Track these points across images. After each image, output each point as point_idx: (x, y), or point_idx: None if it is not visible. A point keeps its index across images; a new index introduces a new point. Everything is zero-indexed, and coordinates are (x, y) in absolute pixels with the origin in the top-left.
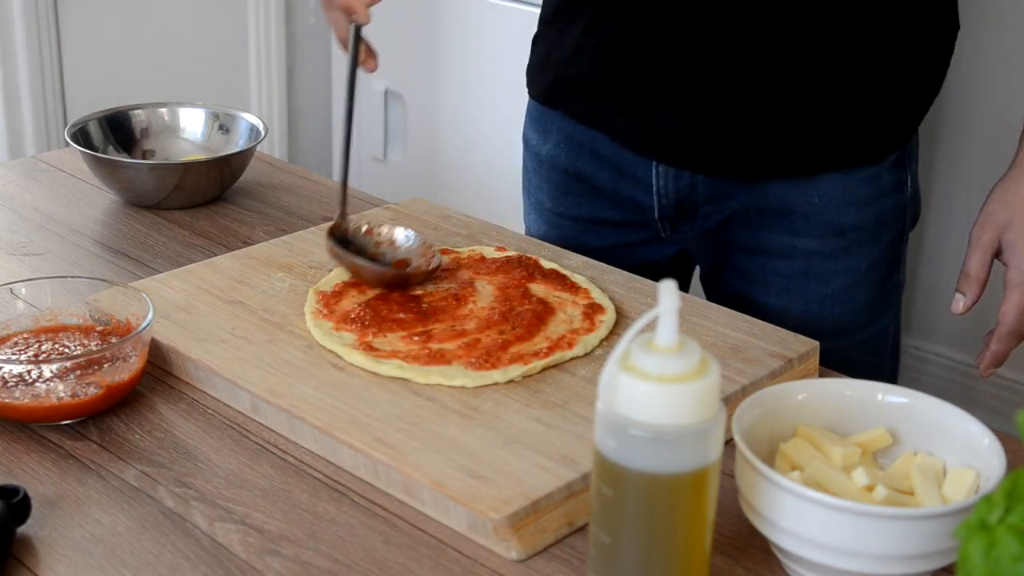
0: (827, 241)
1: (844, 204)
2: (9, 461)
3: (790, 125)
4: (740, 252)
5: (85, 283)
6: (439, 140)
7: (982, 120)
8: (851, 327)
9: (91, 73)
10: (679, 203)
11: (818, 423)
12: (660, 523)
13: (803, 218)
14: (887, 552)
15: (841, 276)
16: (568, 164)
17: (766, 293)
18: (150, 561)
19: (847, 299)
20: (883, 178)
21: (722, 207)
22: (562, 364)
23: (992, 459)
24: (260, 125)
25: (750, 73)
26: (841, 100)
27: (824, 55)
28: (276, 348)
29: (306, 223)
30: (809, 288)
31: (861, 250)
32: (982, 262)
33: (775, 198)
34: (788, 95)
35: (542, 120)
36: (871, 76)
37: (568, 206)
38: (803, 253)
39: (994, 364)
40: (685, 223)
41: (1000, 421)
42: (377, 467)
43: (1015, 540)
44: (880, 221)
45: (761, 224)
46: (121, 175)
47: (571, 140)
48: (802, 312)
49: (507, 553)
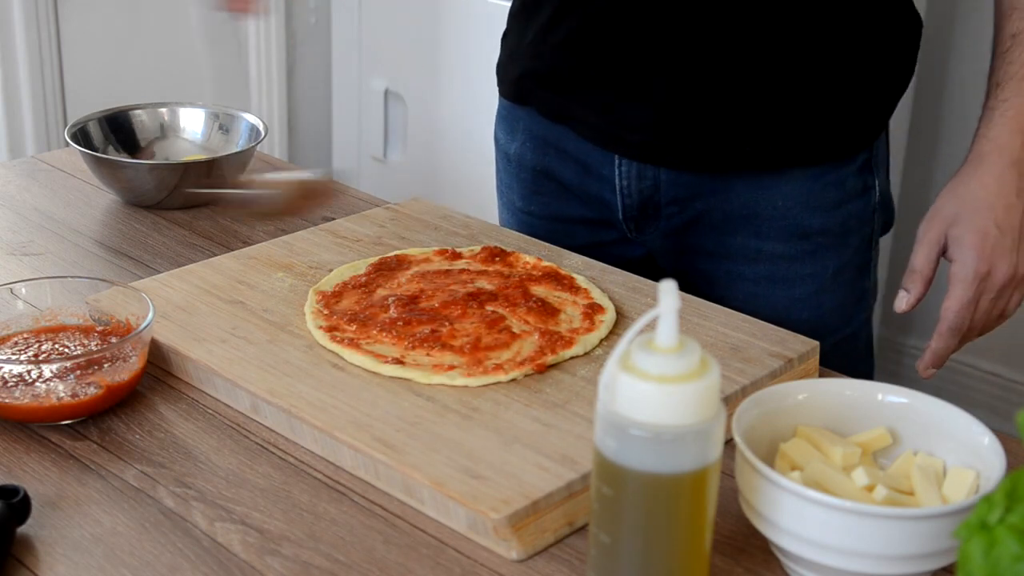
0: (792, 244)
1: (809, 207)
2: (9, 461)
3: (755, 119)
4: (704, 256)
5: (85, 283)
6: (439, 140)
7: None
8: (819, 332)
9: (91, 73)
10: (642, 203)
11: (818, 423)
12: (660, 523)
13: (767, 221)
14: (887, 552)
15: (807, 280)
16: (535, 162)
17: (732, 298)
18: (150, 561)
19: (814, 304)
20: (848, 182)
21: (686, 209)
22: (562, 364)
23: (992, 459)
24: (260, 125)
25: (714, 66)
26: (806, 95)
27: (789, 49)
28: (276, 348)
29: (306, 223)
30: (775, 293)
31: (827, 254)
32: (928, 258)
33: (739, 201)
34: (753, 88)
35: (509, 119)
36: (836, 71)
37: (538, 205)
38: (768, 257)
39: (935, 364)
40: (649, 224)
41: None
42: (377, 467)
43: (1015, 540)
44: (846, 226)
45: (725, 227)
46: (121, 175)
47: (537, 138)
48: (769, 317)
49: (507, 553)
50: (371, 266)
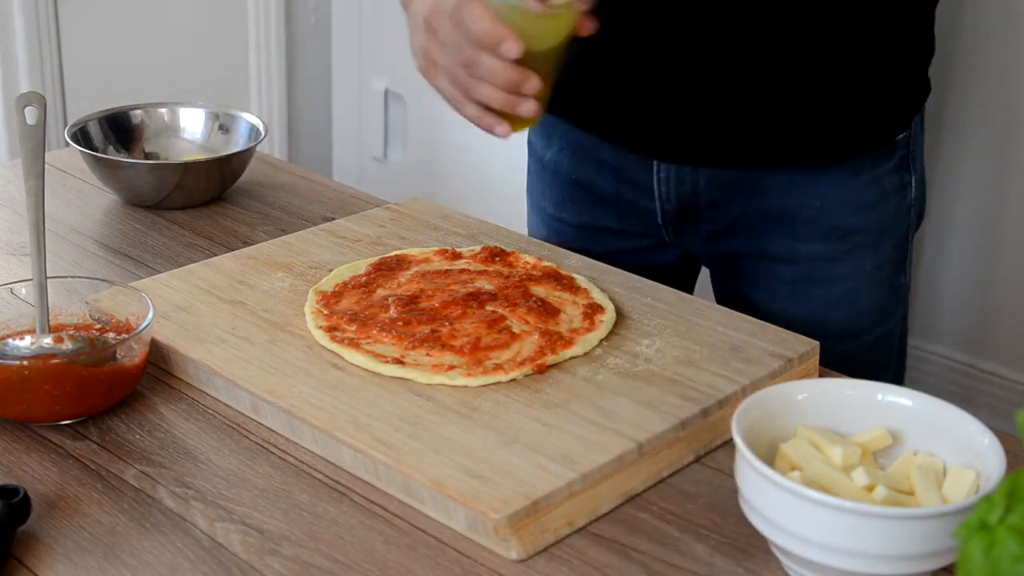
0: (830, 245)
1: (846, 208)
2: (9, 461)
3: (789, 111)
4: (744, 258)
5: (85, 283)
6: (439, 140)
7: (983, 120)
8: (857, 330)
9: (91, 73)
10: (681, 207)
11: (818, 423)
12: None
13: (805, 223)
14: (887, 552)
15: (845, 280)
16: (571, 171)
17: (771, 298)
18: (150, 561)
19: (852, 302)
20: (886, 180)
21: (724, 212)
22: (562, 364)
23: (992, 459)
24: (260, 125)
25: (742, 62)
26: (836, 86)
27: (819, 40)
28: (276, 348)
29: (306, 223)
30: (813, 292)
31: (865, 253)
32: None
33: (777, 203)
34: (784, 81)
35: (546, 124)
36: (867, 60)
37: (571, 213)
38: (806, 258)
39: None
40: (688, 227)
41: (1000, 421)
42: (377, 467)
43: (1015, 540)
44: (884, 224)
45: (763, 230)
46: (121, 175)
47: (574, 146)
48: (807, 316)
49: (507, 553)
50: (371, 266)
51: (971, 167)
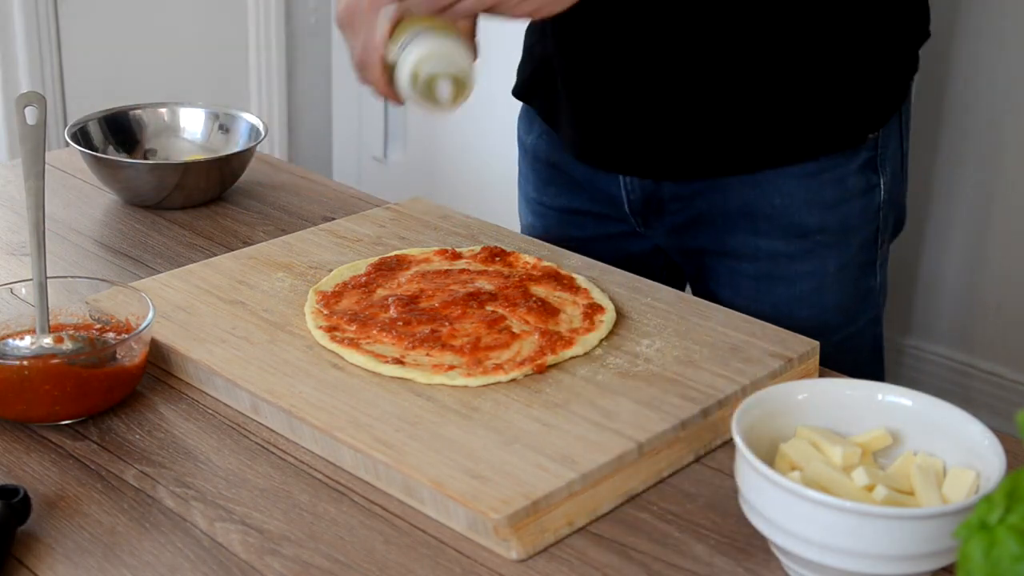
0: (790, 243)
1: (807, 205)
2: (9, 461)
3: (744, 119)
4: (708, 253)
5: (85, 283)
6: (439, 140)
7: (981, 120)
8: (824, 329)
9: (91, 73)
10: (646, 199)
11: (818, 423)
12: None
13: (766, 219)
14: (887, 552)
15: (807, 278)
16: (548, 155)
17: (736, 295)
18: (150, 561)
19: (814, 302)
20: (850, 180)
21: (688, 206)
22: (562, 364)
23: (992, 459)
24: (260, 125)
25: (697, 72)
26: (794, 92)
27: (776, 47)
28: (276, 348)
29: (306, 223)
30: (775, 290)
31: (827, 253)
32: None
33: (738, 199)
34: (739, 89)
35: (528, 112)
36: (826, 68)
37: (550, 196)
38: (767, 255)
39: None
40: (654, 218)
41: (1000, 421)
42: (377, 467)
43: (1015, 540)
44: (847, 224)
45: (725, 225)
46: (121, 175)
47: (550, 132)
48: (771, 314)
49: (507, 553)
50: (371, 266)
51: (969, 168)
